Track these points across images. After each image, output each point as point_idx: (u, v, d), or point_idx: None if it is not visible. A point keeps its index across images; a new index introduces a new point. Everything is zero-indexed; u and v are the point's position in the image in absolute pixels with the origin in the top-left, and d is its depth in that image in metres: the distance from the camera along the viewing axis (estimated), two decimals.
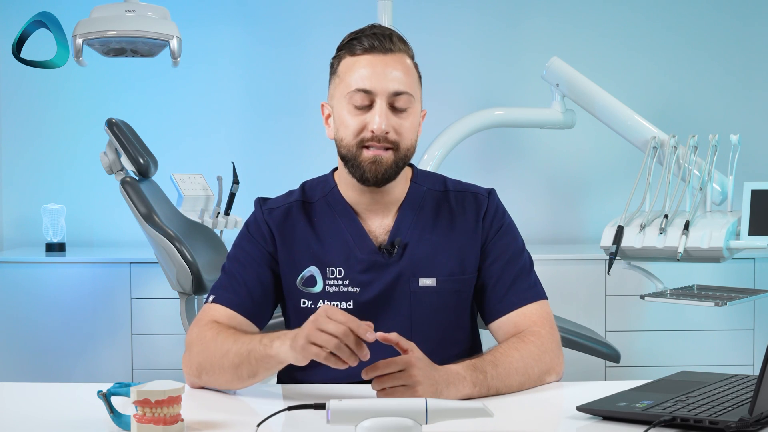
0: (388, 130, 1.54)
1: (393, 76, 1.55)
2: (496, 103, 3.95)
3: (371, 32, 1.57)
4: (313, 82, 4.26)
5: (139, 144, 3.03)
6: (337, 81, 1.59)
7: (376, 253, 1.60)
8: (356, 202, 1.63)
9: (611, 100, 3.26)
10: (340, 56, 1.60)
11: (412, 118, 1.58)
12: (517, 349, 1.52)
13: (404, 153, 1.58)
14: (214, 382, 1.50)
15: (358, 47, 1.56)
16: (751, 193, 2.68)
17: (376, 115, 1.54)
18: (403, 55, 1.58)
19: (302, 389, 1.56)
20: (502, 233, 1.66)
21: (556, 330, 1.60)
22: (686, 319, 3.70)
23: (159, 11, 3.28)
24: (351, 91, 1.55)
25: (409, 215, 1.63)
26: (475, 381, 1.43)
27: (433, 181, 1.69)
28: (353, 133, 1.56)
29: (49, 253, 3.93)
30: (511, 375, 1.48)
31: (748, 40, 4.27)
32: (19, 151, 4.26)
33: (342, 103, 1.57)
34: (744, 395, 1.34)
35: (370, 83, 1.54)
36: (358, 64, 1.56)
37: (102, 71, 4.15)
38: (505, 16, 4.28)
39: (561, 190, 4.31)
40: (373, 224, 1.63)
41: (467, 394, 1.42)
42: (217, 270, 3.05)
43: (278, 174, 4.22)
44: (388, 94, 1.54)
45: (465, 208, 1.65)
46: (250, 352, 1.42)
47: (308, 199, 1.66)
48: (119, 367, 3.71)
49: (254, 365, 1.42)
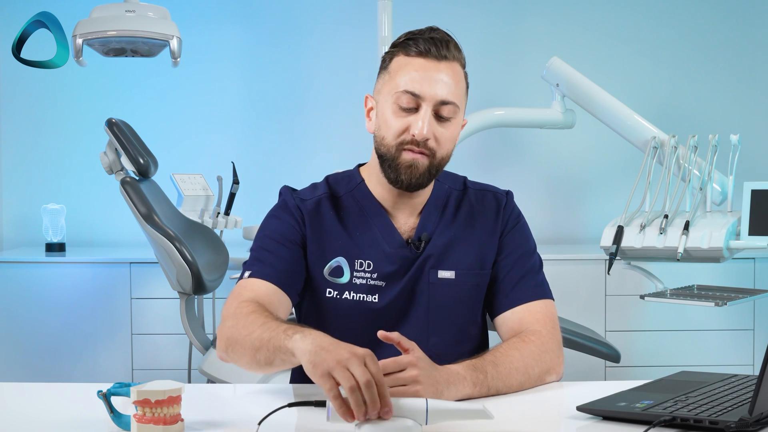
0: (430, 136, 1.55)
1: (443, 84, 1.55)
2: (496, 103, 3.95)
3: (429, 35, 1.57)
4: (314, 82, 4.27)
5: (139, 144, 3.03)
6: (387, 77, 1.60)
7: (404, 247, 1.62)
8: (384, 198, 1.65)
9: (611, 100, 3.26)
10: (393, 53, 1.60)
11: (453, 128, 1.60)
12: (517, 349, 1.53)
13: (439, 161, 1.60)
14: (238, 359, 1.47)
15: (413, 48, 1.57)
16: (751, 193, 2.68)
17: (419, 120, 1.54)
18: (456, 63, 1.58)
19: (303, 389, 1.56)
20: (517, 230, 1.69)
21: (558, 331, 1.61)
22: (686, 319, 3.70)
23: (159, 11, 3.28)
24: (399, 91, 1.55)
25: (434, 214, 1.66)
26: (475, 381, 1.43)
27: (454, 179, 1.73)
28: (395, 133, 1.57)
29: (49, 253, 3.93)
30: (512, 375, 1.48)
31: (748, 40, 4.27)
32: (19, 151, 4.26)
33: (388, 100, 1.58)
34: (744, 395, 1.34)
35: (420, 87, 1.54)
36: (411, 66, 1.56)
37: (102, 71, 4.15)
38: (505, 16, 4.28)
39: (561, 190, 4.31)
40: (399, 221, 1.65)
41: (467, 394, 1.42)
42: (217, 270, 3.08)
43: (278, 174, 4.21)
44: (435, 102, 1.55)
45: (485, 206, 1.69)
46: (271, 339, 1.38)
47: (335, 192, 1.68)
48: (119, 367, 3.71)
49: (271, 353, 1.38)
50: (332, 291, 1.61)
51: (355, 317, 1.60)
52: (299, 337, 1.31)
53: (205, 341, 3.02)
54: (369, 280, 1.61)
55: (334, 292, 1.61)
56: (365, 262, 1.61)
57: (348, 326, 1.59)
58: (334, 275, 1.61)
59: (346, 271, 1.61)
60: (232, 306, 1.51)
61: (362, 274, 1.61)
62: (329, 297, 1.62)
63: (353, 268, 1.61)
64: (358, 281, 1.61)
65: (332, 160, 3.99)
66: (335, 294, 1.61)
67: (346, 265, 1.61)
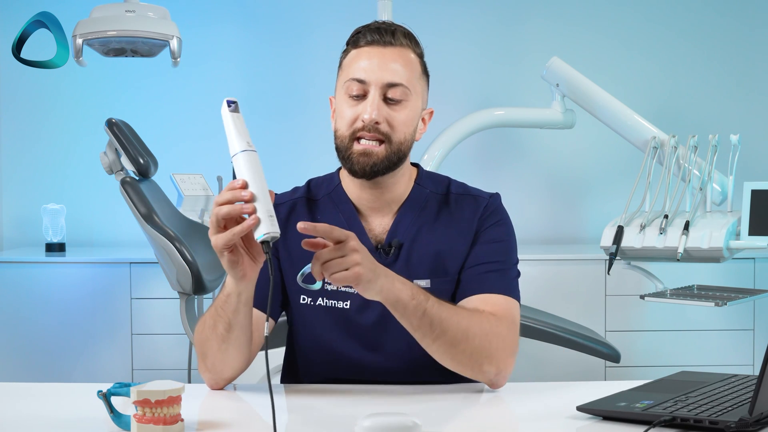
0: (379, 120, 1.54)
1: (389, 68, 1.55)
2: (496, 103, 3.95)
3: (375, 26, 1.59)
4: (314, 82, 4.26)
5: (139, 144, 3.03)
6: (340, 73, 1.61)
7: (373, 253, 1.58)
8: (358, 198, 1.63)
9: (611, 100, 3.26)
10: (346, 50, 1.61)
11: (408, 112, 1.57)
12: (469, 313, 1.48)
13: (397, 146, 1.56)
14: (215, 361, 1.50)
15: (361, 40, 1.58)
16: (751, 193, 2.68)
17: (368, 105, 1.54)
18: (406, 49, 1.58)
19: (302, 388, 1.56)
20: (495, 227, 1.62)
21: (516, 333, 1.53)
22: (686, 319, 3.70)
23: (159, 11, 3.28)
24: (347, 80, 1.56)
25: (409, 216, 1.62)
26: (414, 293, 1.41)
27: (437, 183, 1.67)
28: (347, 123, 1.56)
29: (49, 253, 3.93)
30: (451, 325, 1.43)
31: (748, 41, 4.27)
32: (19, 151, 4.26)
33: (340, 93, 1.59)
34: (744, 395, 1.34)
35: (365, 73, 1.55)
36: (359, 56, 1.57)
37: (102, 71, 4.15)
38: (505, 16, 4.28)
39: (561, 190, 4.31)
40: (374, 222, 1.62)
41: (401, 298, 1.40)
42: (217, 270, 3.07)
43: (278, 174, 4.21)
44: (382, 85, 1.54)
45: (463, 211, 1.63)
46: (215, 305, 1.45)
47: (313, 196, 1.67)
48: (119, 367, 3.71)
49: (222, 314, 1.44)
50: (306, 297, 1.60)
51: (330, 323, 1.58)
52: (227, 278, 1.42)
53: None
54: (340, 287, 1.58)
55: (308, 299, 1.60)
56: None
57: (326, 332, 1.58)
58: (306, 282, 1.58)
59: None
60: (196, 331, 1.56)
61: None
62: (303, 303, 1.60)
63: None
64: (330, 287, 1.58)
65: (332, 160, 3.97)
66: (309, 301, 1.60)
67: None
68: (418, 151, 3.17)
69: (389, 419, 1.18)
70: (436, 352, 1.46)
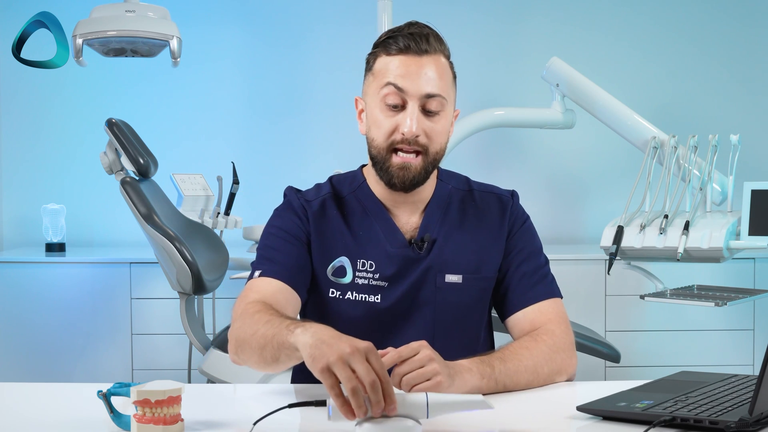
0: (419, 133, 1.55)
1: (426, 78, 1.55)
2: (496, 103, 3.95)
3: (408, 32, 1.58)
4: (314, 82, 4.27)
5: (139, 144, 3.03)
6: (371, 78, 1.60)
7: (406, 248, 1.61)
8: (385, 198, 1.65)
9: (611, 100, 3.26)
10: (375, 53, 1.61)
11: (444, 122, 1.59)
12: (527, 348, 1.52)
13: (433, 157, 1.59)
14: (247, 360, 1.47)
15: (393, 46, 1.57)
16: (751, 193, 2.68)
17: (407, 118, 1.54)
18: (439, 55, 1.59)
19: (304, 389, 1.56)
20: (524, 231, 1.69)
21: (570, 330, 1.61)
22: (686, 319, 3.70)
23: (159, 11, 3.28)
24: (384, 90, 1.55)
25: (437, 213, 1.65)
26: (482, 373, 1.42)
27: (458, 180, 1.72)
28: (385, 134, 1.56)
29: (49, 253, 3.93)
30: (520, 372, 1.48)
31: (748, 41, 4.27)
32: (19, 151, 4.26)
33: (375, 100, 1.58)
34: (744, 395, 1.34)
35: (404, 83, 1.54)
36: (393, 64, 1.56)
37: (102, 71, 4.15)
38: (505, 16, 4.28)
39: (561, 190, 4.31)
40: (402, 219, 1.65)
41: (476, 386, 1.41)
42: (217, 270, 3.07)
43: (278, 174, 4.21)
44: (421, 96, 1.55)
45: (490, 208, 1.68)
46: (274, 335, 1.37)
47: (338, 193, 1.68)
48: (119, 367, 3.71)
49: (276, 350, 1.38)
50: (335, 291, 1.61)
51: (358, 318, 1.60)
52: (300, 331, 1.29)
53: (205, 341, 3.02)
54: (371, 281, 1.60)
55: (337, 293, 1.61)
56: (368, 262, 1.61)
57: (352, 327, 1.58)
58: (336, 275, 1.61)
59: (348, 271, 1.61)
60: (239, 307, 1.52)
61: (364, 274, 1.61)
62: (332, 297, 1.61)
63: (356, 268, 1.61)
64: (360, 281, 1.60)
65: (332, 161, 3.99)
66: (338, 294, 1.61)
67: (349, 265, 1.61)
68: None
69: (389, 420, 1.18)
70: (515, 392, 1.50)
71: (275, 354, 1.37)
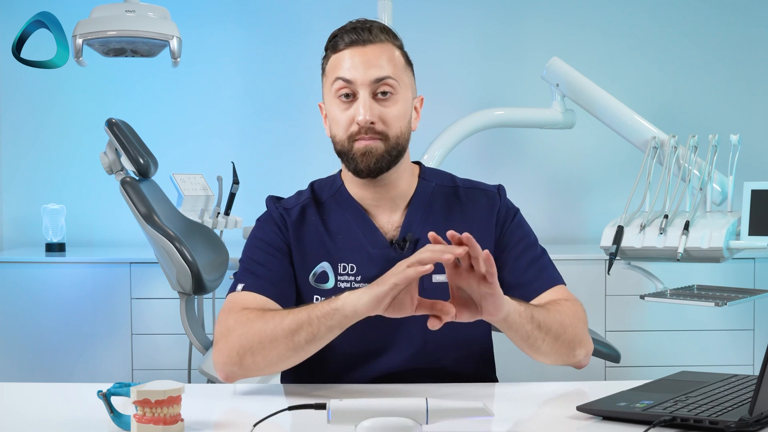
0: (373, 119, 1.54)
1: (373, 65, 1.56)
2: (496, 103, 3.95)
3: (351, 27, 1.60)
4: (314, 83, 4.24)
5: (139, 144, 3.03)
6: (325, 80, 1.62)
7: (387, 248, 1.59)
8: (362, 197, 1.63)
9: (611, 100, 3.26)
10: (326, 56, 1.62)
11: (399, 105, 1.58)
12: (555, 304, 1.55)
13: (395, 141, 1.57)
14: (260, 361, 1.45)
15: (340, 44, 1.59)
16: (751, 193, 2.68)
17: (359, 106, 1.55)
18: (385, 44, 1.59)
19: (303, 389, 1.56)
20: (515, 224, 1.67)
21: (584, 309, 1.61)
22: (686, 319, 3.70)
23: (159, 11, 3.28)
24: (334, 80, 1.57)
25: (419, 211, 1.63)
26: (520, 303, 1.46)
27: (442, 177, 1.70)
28: (344, 128, 1.57)
29: (49, 253, 3.93)
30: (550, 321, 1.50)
31: (748, 40, 4.27)
32: (19, 151, 4.26)
33: (330, 98, 1.59)
34: (744, 395, 1.34)
35: (351, 75, 1.55)
36: (340, 60, 1.58)
37: (102, 71, 4.15)
38: (505, 16, 4.28)
39: (561, 190, 4.31)
40: (382, 220, 1.63)
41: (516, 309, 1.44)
42: (218, 270, 3.07)
43: (278, 174, 4.22)
44: (369, 83, 1.55)
45: (476, 204, 1.66)
46: (310, 314, 1.40)
47: (318, 198, 1.67)
48: (119, 367, 3.71)
49: (315, 327, 1.40)
50: (319, 297, 1.59)
51: None
52: (345, 294, 1.39)
53: (205, 341, 3.02)
54: (353, 283, 1.58)
55: (321, 299, 1.58)
56: (348, 265, 1.59)
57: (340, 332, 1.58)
58: (319, 281, 1.59)
59: (330, 276, 1.59)
60: (230, 320, 1.49)
61: (346, 277, 1.59)
62: None
63: (337, 272, 1.59)
64: (342, 285, 1.58)
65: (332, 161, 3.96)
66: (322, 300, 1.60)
67: (331, 270, 1.59)
68: (418, 150, 3.17)
69: (389, 420, 1.18)
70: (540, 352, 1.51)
71: (313, 331, 1.40)
